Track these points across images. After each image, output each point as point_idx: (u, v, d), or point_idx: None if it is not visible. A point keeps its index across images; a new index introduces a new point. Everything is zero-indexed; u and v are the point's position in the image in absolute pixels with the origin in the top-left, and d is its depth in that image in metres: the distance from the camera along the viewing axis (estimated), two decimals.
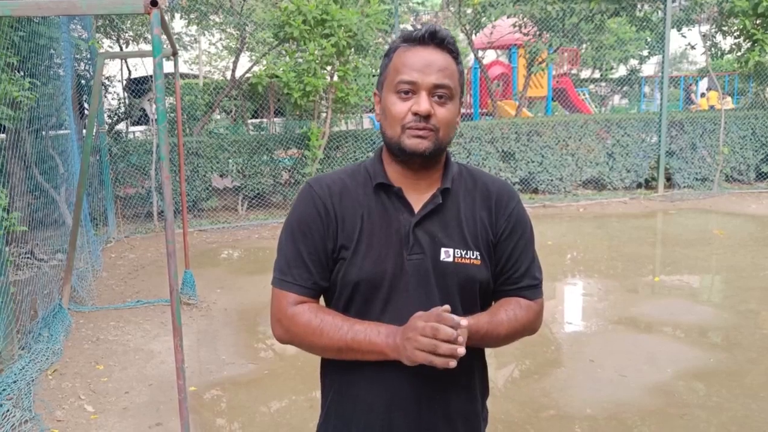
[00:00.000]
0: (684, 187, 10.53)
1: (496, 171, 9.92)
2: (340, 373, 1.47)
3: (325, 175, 1.50)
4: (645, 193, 10.37)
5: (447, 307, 1.27)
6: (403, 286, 1.40)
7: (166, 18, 4.56)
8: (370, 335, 1.35)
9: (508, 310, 1.47)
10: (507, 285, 1.51)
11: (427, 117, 1.36)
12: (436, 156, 1.43)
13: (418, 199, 1.44)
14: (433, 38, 1.39)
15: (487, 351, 1.58)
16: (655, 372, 4.04)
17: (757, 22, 9.67)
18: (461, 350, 1.22)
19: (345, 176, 1.49)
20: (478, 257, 1.44)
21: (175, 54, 5.40)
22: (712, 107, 15.42)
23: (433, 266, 1.41)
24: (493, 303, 1.53)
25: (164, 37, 4.54)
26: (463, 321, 1.26)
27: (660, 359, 4.23)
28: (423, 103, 1.36)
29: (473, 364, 1.49)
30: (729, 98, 15.70)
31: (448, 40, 1.40)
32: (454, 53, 1.41)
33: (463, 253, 1.42)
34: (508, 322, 1.45)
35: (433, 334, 1.23)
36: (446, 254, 1.41)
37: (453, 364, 1.23)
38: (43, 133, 6.48)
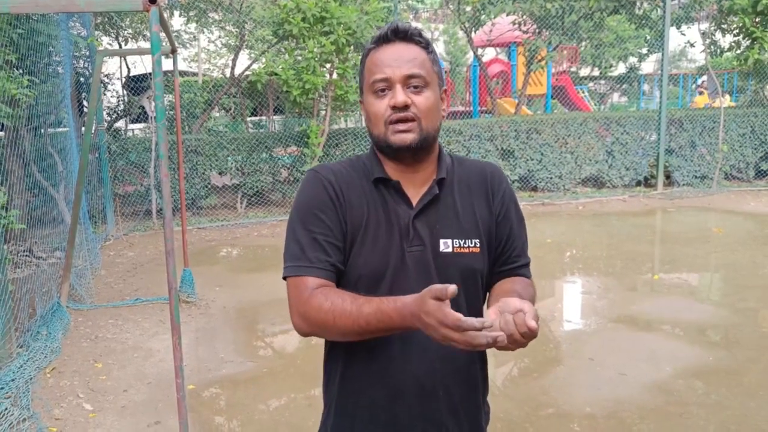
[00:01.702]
0: (683, 185, 10.52)
1: None
2: (344, 367, 1.47)
3: (328, 165, 1.50)
4: (644, 191, 10.36)
5: (453, 288, 1.12)
6: (404, 278, 1.41)
7: (165, 15, 4.55)
8: (385, 318, 1.25)
9: (526, 288, 1.45)
10: (505, 265, 1.52)
11: (405, 107, 1.37)
12: (425, 147, 1.43)
13: (416, 191, 1.46)
14: (396, 34, 1.41)
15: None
16: (655, 370, 4.04)
17: (757, 20, 9.66)
18: (502, 337, 1.11)
19: (347, 168, 1.49)
20: (477, 245, 1.45)
21: (174, 51, 5.39)
22: (708, 104, 15.45)
23: (433, 257, 1.42)
24: (492, 285, 1.52)
25: (163, 34, 4.53)
26: (487, 321, 1.11)
27: (659, 357, 4.23)
28: (399, 95, 1.37)
29: (474, 358, 1.50)
30: (727, 96, 15.69)
31: (412, 32, 1.42)
32: (423, 43, 1.43)
33: (462, 242, 1.44)
34: (530, 300, 1.41)
35: (469, 344, 1.11)
36: (445, 245, 1.42)
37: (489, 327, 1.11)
38: (42, 130, 6.47)
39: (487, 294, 1.52)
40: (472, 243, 1.44)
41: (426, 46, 1.44)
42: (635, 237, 7.83)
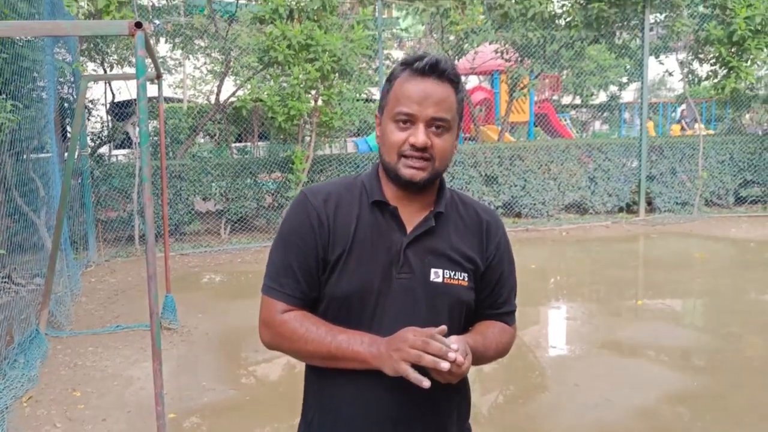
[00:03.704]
0: (665, 211, 10.63)
1: (479, 195, 9.96)
2: (323, 388, 1.49)
3: (320, 186, 1.52)
4: (626, 217, 10.45)
5: (443, 328, 1.30)
6: (390, 303, 1.42)
7: (152, 42, 4.56)
8: (353, 344, 1.37)
9: (494, 333, 1.53)
10: (490, 309, 1.56)
11: (423, 149, 1.39)
12: (431, 183, 1.47)
13: (411, 218, 1.47)
14: (434, 70, 1.41)
15: (471, 375, 1.58)
16: (640, 396, 4.03)
17: (732, 50, 9.88)
18: (444, 364, 1.25)
19: (341, 188, 1.50)
20: (466, 278, 1.47)
21: (159, 77, 5.40)
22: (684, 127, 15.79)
23: (422, 286, 1.43)
24: (472, 324, 1.57)
25: (149, 60, 4.53)
26: (454, 345, 1.28)
27: (644, 383, 4.23)
28: (420, 135, 1.39)
29: (451, 388, 1.48)
30: (702, 126, 15.99)
31: (449, 72, 1.42)
32: (455, 83, 1.44)
33: (452, 274, 1.45)
34: (495, 345, 1.52)
35: (423, 347, 1.26)
36: (435, 275, 1.44)
37: (426, 384, 1.26)
38: (24, 156, 6.41)
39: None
40: (461, 276, 1.46)
41: (457, 85, 1.44)
42: (618, 263, 7.88)
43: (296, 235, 1.45)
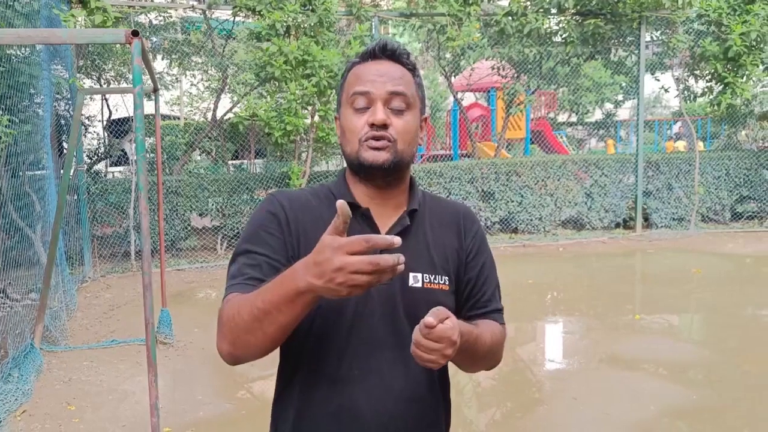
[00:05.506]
0: (661, 226, 10.64)
1: (476, 210, 9.96)
2: (300, 408, 1.39)
3: (288, 189, 1.45)
4: (623, 233, 10.46)
5: (345, 209, 1.06)
6: (368, 311, 1.33)
7: (149, 57, 4.58)
8: (277, 287, 1.13)
9: (485, 324, 1.42)
10: (475, 309, 1.46)
11: (383, 127, 1.32)
12: (398, 171, 1.37)
13: (385, 221, 1.39)
14: (384, 51, 1.37)
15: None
16: (639, 410, 4.00)
17: (728, 66, 9.94)
18: (400, 268, 1.05)
19: (308, 194, 1.43)
20: (447, 282, 1.40)
21: (156, 91, 5.41)
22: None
23: (401, 292, 1.35)
24: None
25: (146, 77, 4.55)
26: (397, 239, 1.06)
27: (643, 397, 4.20)
28: (378, 113, 1.31)
29: (439, 398, 1.43)
30: (679, 142, 16.25)
31: (400, 51, 1.37)
32: (409, 65, 1.39)
33: (432, 278, 1.38)
34: (490, 333, 1.40)
35: (374, 268, 1.02)
36: (415, 279, 1.36)
37: (398, 240, 1.06)
38: (20, 171, 6.40)
39: None
40: (441, 280, 1.39)
41: (413, 68, 1.39)
42: (616, 278, 7.87)
43: (261, 229, 1.33)
